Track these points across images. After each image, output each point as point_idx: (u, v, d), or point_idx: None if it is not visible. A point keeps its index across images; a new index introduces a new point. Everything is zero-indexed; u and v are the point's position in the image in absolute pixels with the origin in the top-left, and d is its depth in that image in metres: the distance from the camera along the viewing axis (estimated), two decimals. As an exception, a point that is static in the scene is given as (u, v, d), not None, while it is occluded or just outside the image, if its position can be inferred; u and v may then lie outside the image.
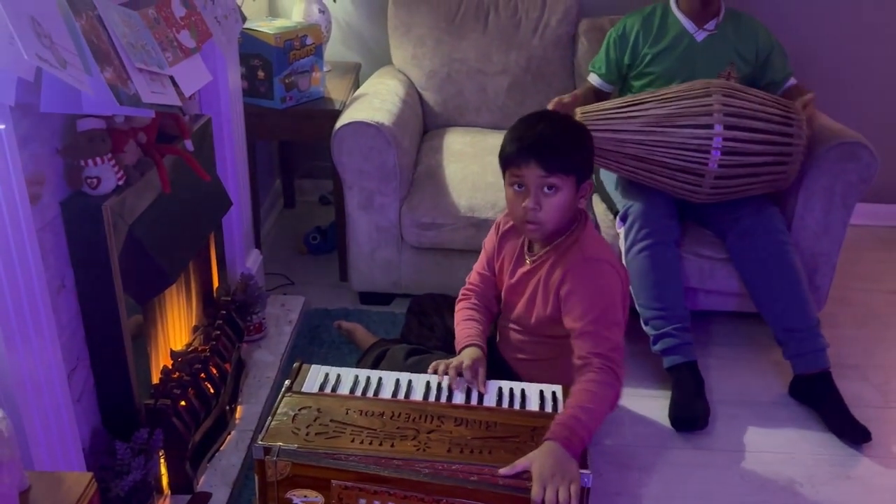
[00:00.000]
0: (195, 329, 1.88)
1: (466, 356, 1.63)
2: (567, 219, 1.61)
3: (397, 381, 1.61)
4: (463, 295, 1.82)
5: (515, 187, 1.59)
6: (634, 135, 2.02)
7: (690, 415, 1.95)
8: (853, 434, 1.92)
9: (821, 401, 2.00)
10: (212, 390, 1.70)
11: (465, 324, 1.74)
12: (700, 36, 2.25)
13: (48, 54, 0.89)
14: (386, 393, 1.58)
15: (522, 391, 1.58)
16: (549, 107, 2.15)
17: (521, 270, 1.70)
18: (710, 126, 1.97)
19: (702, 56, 2.24)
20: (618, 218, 2.16)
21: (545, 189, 1.55)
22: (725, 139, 1.97)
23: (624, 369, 1.53)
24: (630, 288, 2.05)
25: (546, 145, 1.53)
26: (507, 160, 1.59)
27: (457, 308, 1.80)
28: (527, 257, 1.69)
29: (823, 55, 2.84)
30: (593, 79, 2.37)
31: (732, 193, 2.06)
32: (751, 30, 2.27)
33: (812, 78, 2.58)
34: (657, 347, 2.06)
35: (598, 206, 2.35)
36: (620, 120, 2.05)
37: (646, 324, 2.08)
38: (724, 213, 2.12)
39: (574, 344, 1.56)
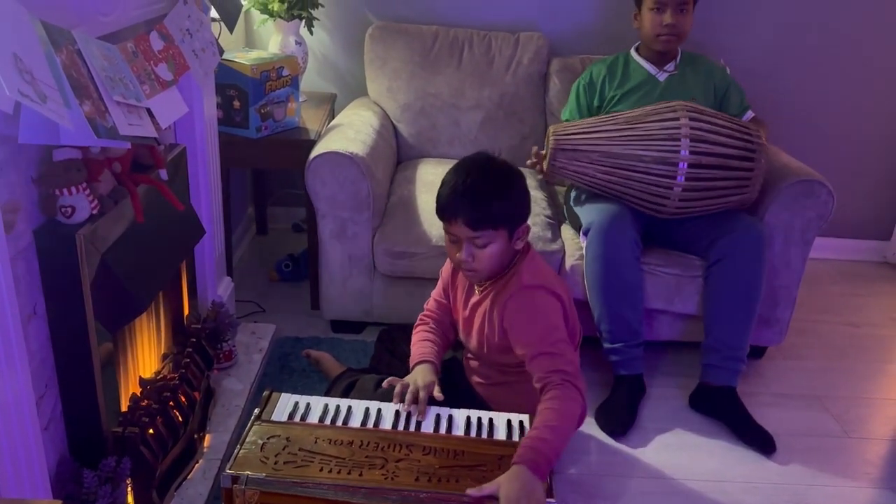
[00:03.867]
0: (164, 357, 1.88)
1: (419, 375, 1.67)
2: (504, 262, 1.66)
3: (367, 409, 1.63)
4: (420, 321, 1.88)
5: (450, 238, 1.64)
6: (605, 154, 2.10)
7: (612, 420, 2.06)
8: (761, 442, 2.02)
9: (727, 412, 2.09)
10: (180, 418, 1.70)
11: (420, 343, 1.80)
12: (662, 76, 2.38)
13: (29, 90, 0.91)
14: (355, 421, 1.59)
15: (490, 420, 1.61)
16: (528, 163, 2.23)
17: (472, 301, 1.76)
18: (676, 139, 2.06)
19: (666, 94, 2.34)
20: (581, 232, 2.22)
21: (476, 242, 1.60)
22: (692, 152, 2.05)
23: (583, 382, 1.57)
24: (588, 298, 2.16)
25: (472, 203, 1.57)
26: (439, 214, 1.64)
27: (413, 332, 1.86)
28: (476, 287, 1.75)
29: (783, 96, 2.94)
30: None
31: (699, 209, 2.13)
32: (707, 70, 2.41)
33: (772, 117, 2.68)
34: (608, 357, 2.16)
35: (566, 232, 2.38)
36: (591, 136, 2.13)
37: (599, 333, 2.17)
38: (713, 226, 2.16)
39: (530, 369, 1.61)
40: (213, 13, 1.89)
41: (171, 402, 1.67)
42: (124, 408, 1.61)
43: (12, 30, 0.94)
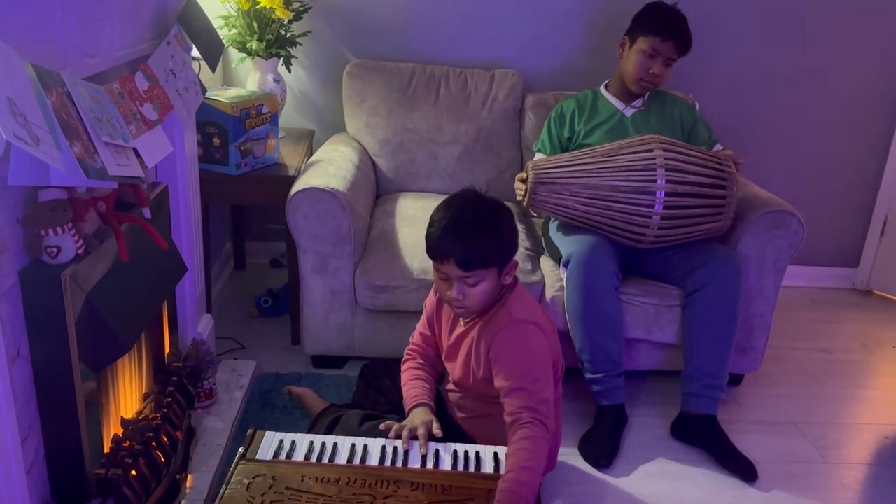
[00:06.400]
0: (146, 396, 1.86)
1: (417, 418, 1.67)
2: (494, 297, 1.68)
3: (353, 446, 1.63)
4: (408, 355, 1.88)
5: (440, 276, 1.66)
6: (584, 186, 2.16)
7: (596, 451, 2.07)
8: (743, 470, 2.04)
9: (708, 440, 2.12)
10: (163, 459, 1.68)
11: (412, 383, 1.80)
12: (629, 112, 2.45)
13: (23, 133, 0.92)
14: (341, 458, 1.59)
15: (477, 453, 1.62)
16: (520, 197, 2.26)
17: (456, 332, 1.77)
18: (652, 169, 2.11)
19: (632, 129, 2.41)
20: (561, 264, 2.25)
21: (468, 281, 1.62)
22: (668, 181, 2.11)
23: (552, 421, 1.61)
24: (569, 329, 2.18)
25: (463, 246, 1.58)
26: (430, 254, 1.65)
27: (403, 369, 1.87)
28: (461, 319, 1.76)
29: (752, 129, 3.03)
30: (540, 157, 2.50)
31: (676, 237, 2.18)
32: (674, 107, 2.48)
33: (741, 149, 2.75)
34: (590, 388, 2.18)
35: (545, 264, 2.41)
36: (570, 168, 2.18)
37: (581, 364, 2.19)
38: (690, 257, 2.20)
39: (504, 401, 1.62)
40: (194, 52, 1.91)
41: (153, 443, 1.65)
42: (107, 449, 1.58)
43: (6, 74, 0.95)
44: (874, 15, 2.92)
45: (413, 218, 2.52)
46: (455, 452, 1.61)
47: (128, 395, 1.75)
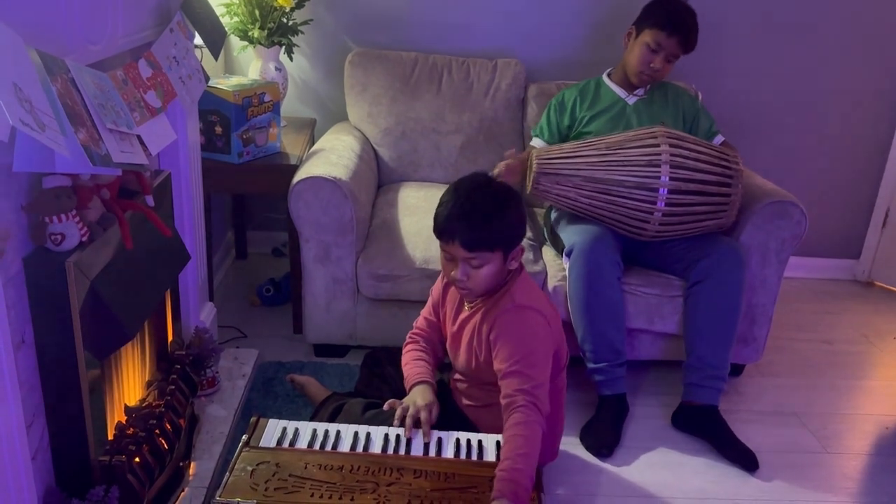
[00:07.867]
0: (149, 384, 1.86)
1: (419, 395, 1.68)
2: (498, 281, 1.69)
3: (356, 433, 1.63)
4: (410, 339, 1.89)
5: (446, 256, 1.67)
6: (587, 178, 2.15)
7: (597, 440, 2.08)
8: (744, 459, 2.05)
9: (712, 431, 2.13)
10: (166, 446, 1.69)
11: (414, 363, 1.81)
12: (631, 100, 2.45)
13: (29, 119, 0.91)
14: (345, 446, 1.60)
15: (480, 442, 1.62)
16: (496, 171, 2.25)
17: (461, 317, 1.78)
18: (657, 165, 2.10)
19: (634, 117, 2.41)
20: (563, 254, 2.25)
21: (472, 262, 1.62)
22: (673, 178, 2.10)
23: (547, 405, 1.61)
24: (571, 318, 2.19)
25: (469, 227, 1.59)
26: (437, 234, 1.66)
27: (404, 351, 1.87)
28: (466, 304, 1.77)
29: (757, 120, 3.03)
30: (536, 142, 2.51)
31: (678, 232, 2.18)
32: (677, 97, 2.48)
33: (744, 140, 2.76)
34: (592, 377, 2.19)
35: (548, 253, 2.42)
36: (574, 160, 2.18)
37: (583, 353, 2.19)
38: (693, 248, 2.21)
39: (501, 383, 1.63)
40: (197, 39, 1.90)
41: (156, 430, 1.66)
42: (110, 436, 1.59)
43: (11, 59, 0.94)
44: (877, 8, 2.91)
45: (415, 207, 2.52)
46: (458, 441, 1.62)
47: (131, 383, 1.75)
